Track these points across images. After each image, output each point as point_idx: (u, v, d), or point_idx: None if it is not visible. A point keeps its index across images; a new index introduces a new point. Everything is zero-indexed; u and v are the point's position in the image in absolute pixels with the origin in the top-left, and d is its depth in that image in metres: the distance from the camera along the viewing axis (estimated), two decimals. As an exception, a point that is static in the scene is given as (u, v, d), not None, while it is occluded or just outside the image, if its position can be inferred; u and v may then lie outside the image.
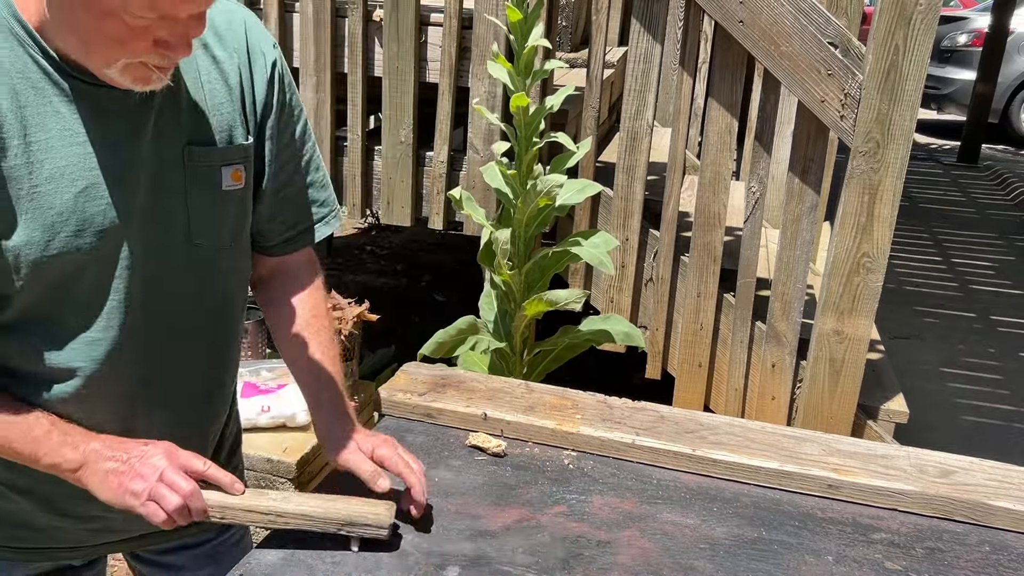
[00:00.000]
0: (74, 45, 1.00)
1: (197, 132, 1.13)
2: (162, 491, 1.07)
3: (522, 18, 2.18)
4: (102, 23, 0.95)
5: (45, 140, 1.02)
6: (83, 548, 1.28)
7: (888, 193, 2.17)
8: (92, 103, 1.04)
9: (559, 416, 1.49)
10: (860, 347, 2.29)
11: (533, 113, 2.26)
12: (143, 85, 1.02)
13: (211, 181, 1.15)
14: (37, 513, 1.21)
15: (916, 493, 1.34)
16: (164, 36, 0.97)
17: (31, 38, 1.00)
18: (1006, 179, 7.90)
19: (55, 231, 1.04)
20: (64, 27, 0.99)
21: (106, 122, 1.06)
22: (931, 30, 2.07)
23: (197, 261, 1.17)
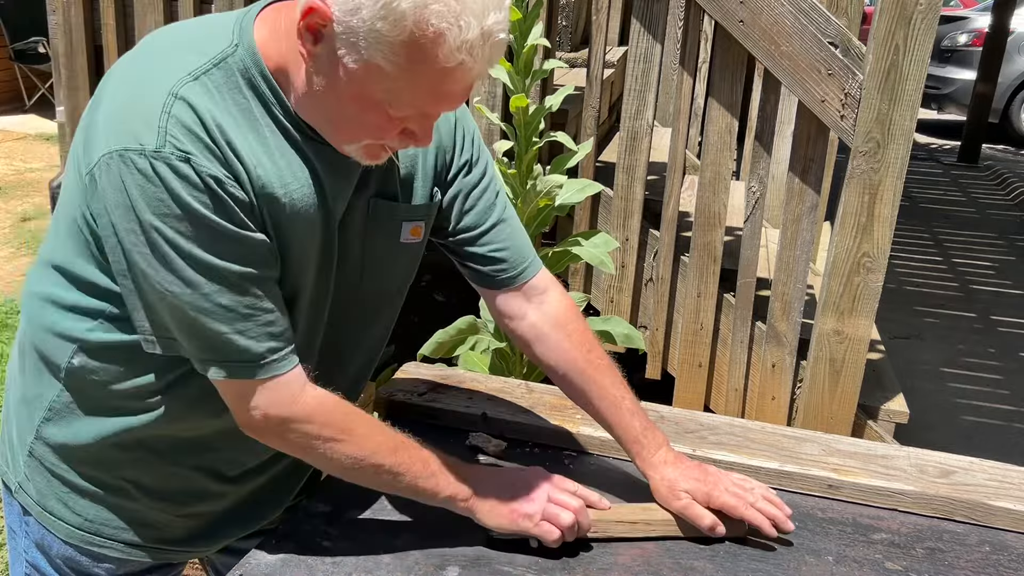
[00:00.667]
0: (322, 122, 1.05)
1: (385, 185, 1.18)
2: (554, 511, 1.16)
3: (521, 17, 2.18)
4: (365, 113, 1.00)
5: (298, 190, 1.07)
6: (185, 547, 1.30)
7: (888, 193, 2.17)
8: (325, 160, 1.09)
9: (559, 416, 1.49)
10: (860, 347, 2.29)
11: (533, 113, 2.26)
12: (372, 161, 1.08)
13: (391, 233, 1.21)
14: (154, 511, 1.23)
15: (916, 493, 1.34)
16: (413, 128, 1.03)
17: (275, 98, 1.04)
18: (1006, 179, 7.90)
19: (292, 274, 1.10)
20: (321, 106, 1.03)
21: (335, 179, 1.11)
22: (931, 30, 2.07)
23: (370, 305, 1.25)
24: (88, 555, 1.23)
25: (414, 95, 0.98)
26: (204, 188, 0.97)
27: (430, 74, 0.95)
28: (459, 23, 0.92)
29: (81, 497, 1.21)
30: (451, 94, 0.99)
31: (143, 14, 3.13)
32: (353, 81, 0.97)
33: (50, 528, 1.23)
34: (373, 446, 1.12)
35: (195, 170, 0.97)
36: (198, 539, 1.29)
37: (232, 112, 1.02)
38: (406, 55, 0.94)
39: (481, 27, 0.93)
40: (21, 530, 1.27)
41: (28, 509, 1.24)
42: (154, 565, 1.28)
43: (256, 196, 1.03)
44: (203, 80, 1.00)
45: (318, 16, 0.95)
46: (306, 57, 0.99)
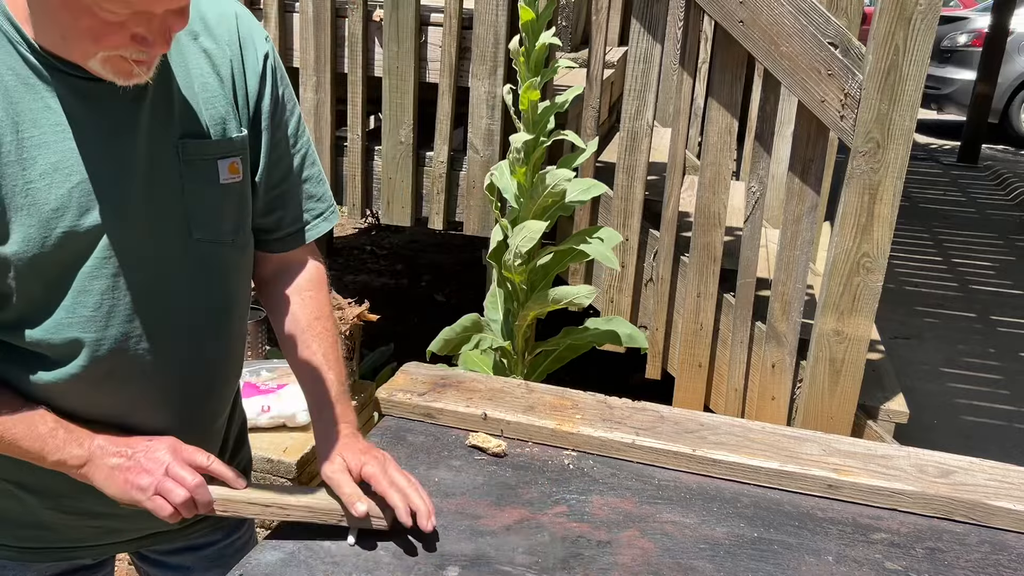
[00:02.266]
0: (56, 40, 1.00)
1: (191, 125, 1.13)
2: (168, 485, 1.09)
3: (534, 17, 2.19)
4: (77, 19, 0.95)
5: (38, 136, 1.02)
6: (92, 547, 1.28)
7: (888, 193, 2.17)
8: (83, 97, 1.04)
9: (559, 416, 1.49)
10: (860, 347, 2.29)
11: (543, 111, 2.27)
12: (125, 79, 1.01)
13: (208, 174, 1.15)
14: (46, 511, 1.21)
15: (916, 493, 1.34)
16: (140, 31, 0.96)
17: (20, 35, 1.00)
18: (1006, 179, 7.90)
19: (51, 227, 1.03)
20: (45, 22, 0.99)
21: (98, 116, 1.05)
22: (931, 30, 2.07)
23: (198, 256, 1.17)
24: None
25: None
26: None
27: None
28: None
29: None
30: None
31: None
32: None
33: None
34: None
35: None
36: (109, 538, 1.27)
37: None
38: None
39: None
40: None
41: None
42: (67, 568, 1.27)
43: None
44: None
45: None
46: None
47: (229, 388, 1.32)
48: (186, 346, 1.20)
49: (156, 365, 1.16)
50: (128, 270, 1.10)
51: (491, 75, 2.75)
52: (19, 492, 1.19)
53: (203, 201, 1.15)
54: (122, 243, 1.09)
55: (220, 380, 1.29)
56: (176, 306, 1.17)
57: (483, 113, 2.79)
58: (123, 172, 1.08)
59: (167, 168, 1.11)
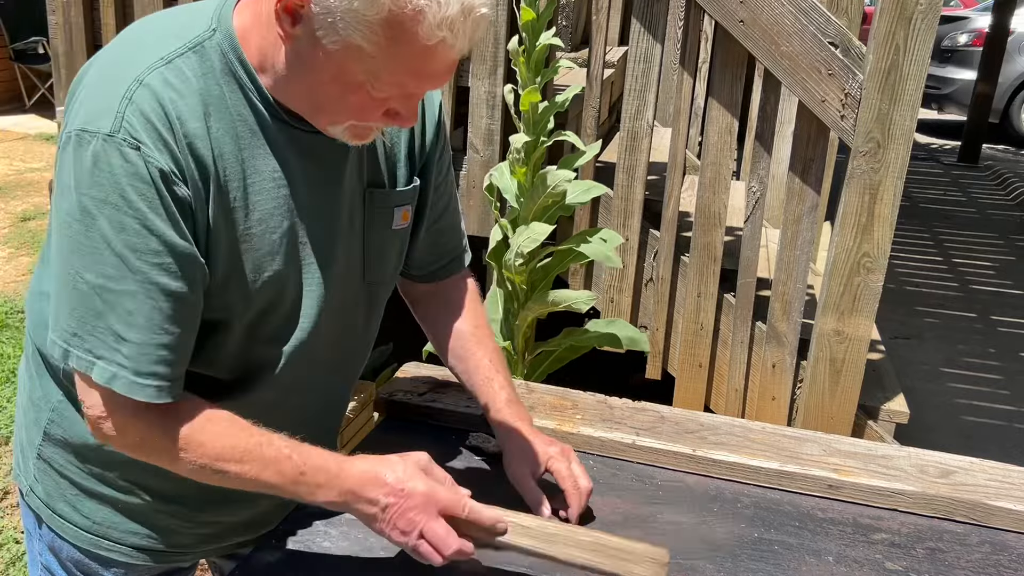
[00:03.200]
0: (304, 105, 1.03)
1: (375, 175, 1.17)
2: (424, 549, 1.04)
3: (535, 17, 2.19)
4: (346, 94, 0.98)
5: (259, 183, 1.05)
6: (193, 553, 1.30)
7: (888, 193, 2.17)
8: (298, 146, 1.07)
9: (559, 416, 1.49)
10: (860, 347, 2.29)
11: (543, 111, 2.26)
12: (360, 141, 1.06)
13: (386, 222, 1.19)
14: (160, 515, 1.22)
15: (916, 493, 1.34)
16: (397, 108, 1.01)
17: (252, 82, 1.03)
18: (1007, 179, 7.90)
19: (262, 270, 1.07)
20: (301, 87, 1.01)
21: (310, 165, 1.09)
22: (931, 30, 2.07)
23: (367, 295, 1.23)
24: (96, 559, 1.23)
25: (395, 75, 0.96)
26: (148, 180, 0.95)
27: (411, 53, 0.93)
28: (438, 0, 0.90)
29: (88, 499, 1.20)
30: (433, 72, 0.97)
31: (143, 14, 3.13)
32: (333, 62, 0.95)
33: (59, 531, 1.22)
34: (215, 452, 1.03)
35: (144, 160, 0.95)
36: (206, 543, 1.29)
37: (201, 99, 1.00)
38: (385, 34, 0.92)
39: (462, 3, 0.91)
40: (35, 532, 1.27)
41: (39, 511, 1.24)
42: (164, 570, 1.28)
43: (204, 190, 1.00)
44: (177, 63, 0.99)
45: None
46: (284, 39, 0.98)
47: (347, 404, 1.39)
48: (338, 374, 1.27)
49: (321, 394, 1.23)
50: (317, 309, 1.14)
51: (491, 75, 2.75)
52: (140, 493, 1.20)
53: (379, 247, 1.20)
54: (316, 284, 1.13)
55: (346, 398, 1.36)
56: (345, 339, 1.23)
57: (483, 113, 2.79)
58: (328, 221, 1.12)
59: (357, 216, 1.16)
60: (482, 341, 1.34)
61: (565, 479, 1.21)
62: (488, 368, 1.32)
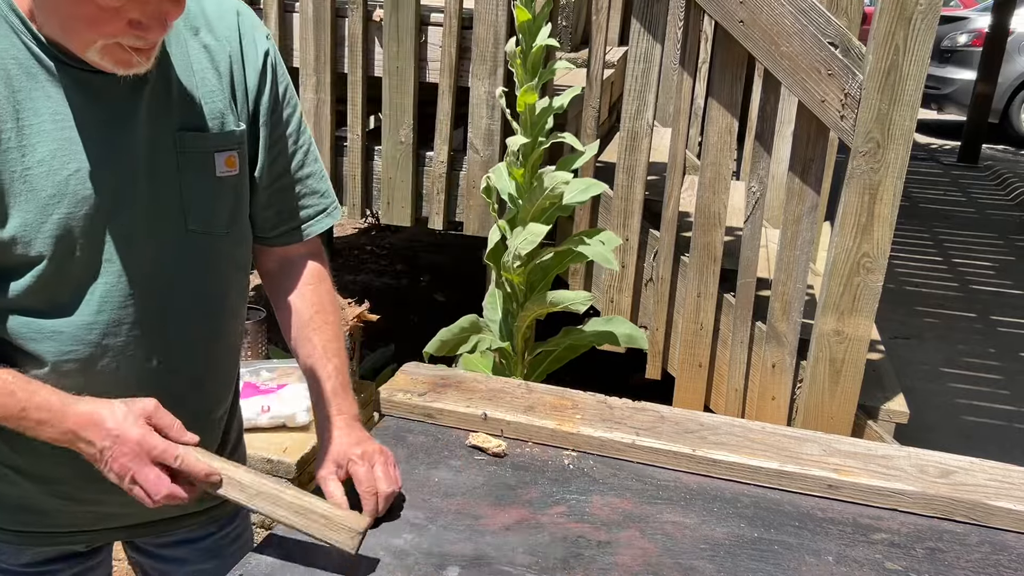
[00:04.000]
0: (56, 29, 1.02)
1: (189, 118, 1.14)
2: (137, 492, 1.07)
3: (531, 18, 2.19)
4: (75, 6, 0.97)
5: (37, 124, 1.04)
6: (84, 533, 1.29)
7: (888, 193, 2.17)
8: (84, 88, 1.06)
9: (559, 416, 1.49)
10: (860, 347, 2.29)
11: (540, 112, 2.27)
12: (124, 68, 1.03)
13: (205, 167, 1.16)
14: (41, 496, 1.22)
15: (916, 493, 1.34)
16: (137, 16, 0.98)
17: (23, 24, 1.02)
18: (1006, 179, 7.90)
19: (47, 213, 1.05)
20: (46, 12, 1.01)
21: (98, 106, 1.07)
22: (931, 30, 2.07)
23: (194, 247, 1.18)
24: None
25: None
26: None
27: None
28: None
29: None
30: None
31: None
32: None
33: None
34: None
35: None
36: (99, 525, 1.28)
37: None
38: None
39: None
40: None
41: None
42: (58, 554, 1.27)
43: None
44: None
45: None
46: None
47: (225, 380, 1.33)
48: (178, 335, 1.20)
49: (148, 352, 1.17)
50: (123, 258, 1.12)
51: (491, 75, 2.75)
52: (15, 476, 1.20)
53: (199, 193, 1.16)
54: (118, 231, 1.11)
55: (214, 371, 1.29)
56: (169, 294, 1.18)
57: (483, 113, 2.79)
58: (121, 162, 1.09)
59: (165, 160, 1.13)
60: (320, 327, 1.29)
61: (360, 482, 1.17)
62: (320, 356, 1.27)
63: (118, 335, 1.13)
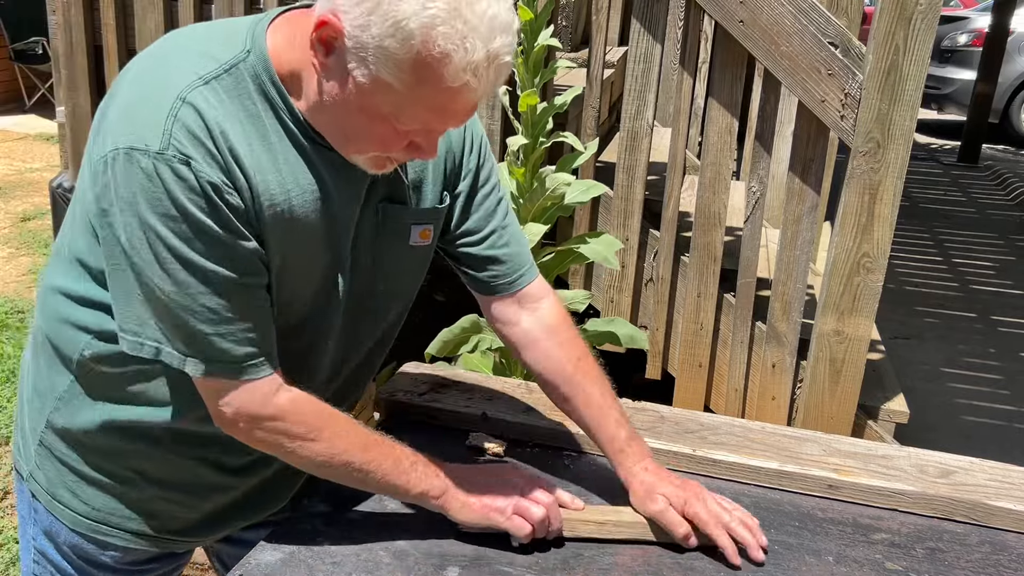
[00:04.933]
0: (332, 131, 1.07)
1: (393, 189, 1.19)
2: (525, 504, 1.17)
3: (532, 18, 2.19)
4: (372, 125, 1.02)
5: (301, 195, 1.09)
6: (188, 540, 1.32)
7: (888, 193, 2.17)
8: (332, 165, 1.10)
9: (559, 416, 1.49)
10: (860, 347, 2.29)
11: (541, 112, 2.26)
12: (376, 170, 1.10)
13: (401, 237, 1.22)
14: (159, 501, 1.25)
15: (916, 493, 1.34)
16: (419, 141, 1.05)
17: (285, 104, 1.06)
18: (1006, 179, 7.90)
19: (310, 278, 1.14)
20: (330, 117, 1.05)
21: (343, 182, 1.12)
22: (931, 30, 2.07)
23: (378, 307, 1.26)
24: (94, 543, 1.26)
25: (419, 112, 1.00)
26: (201, 192, 0.99)
27: (435, 93, 0.98)
28: (465, 45, 0.94)
29: (88, 486, 1.23)
30: (455, 112, 1.02)
31: (143, 14, 3.14)
32: (362, 94, 0.99)
33: (58, 516, 1.25)
34: (343, 444, 1.13)
35: (195, 174, 0.99)
36: (203, 529, 1.31)
37: (239, 118, 1.04)
38: (412, 73, 0.96)
39: (487, 50, 0.96)
40: (30, 517, 1.30)
41: (38, 496, 1.27)
42: (159, 554, 1.30)
43: (255, 203, 1.05)
44: (213, 85, 1.02)
45: (330, 29, 0.97)
46: (318, 68, 1.02)
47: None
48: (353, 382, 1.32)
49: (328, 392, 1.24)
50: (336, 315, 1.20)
51: (491, 75, 2.75)
52: (140, 481, 1.23)
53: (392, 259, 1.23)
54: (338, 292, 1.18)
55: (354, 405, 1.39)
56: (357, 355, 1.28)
57: (483, 113, 2.79)
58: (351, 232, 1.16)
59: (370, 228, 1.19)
60: (588, 373, 1.32)
61: (707, 523, 1.20)
62: (599, 404, 1.30)
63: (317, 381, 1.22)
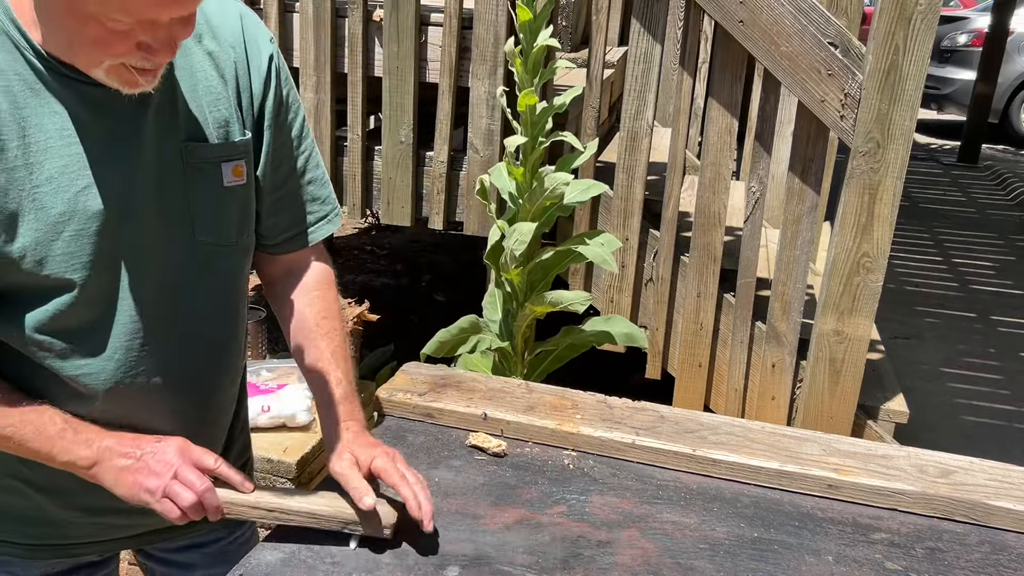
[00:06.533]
0: (62, 46, 1.00)
1: (194, 129, 1.13)
2: (176, 488, 1.09)
3: (532, 17, 2.19)
4: (83, 26, 0.94)
5: (44, 140, 1.02)
6: (96, 543, 1.28)
7: (888, 193, 2.17)
8: (89, 103, 1.04)
9: (559, 416, 1.49)
10: (860, 347, 2.29)
11: (540, 112, 2.27)
12: (130, 88, 1.02)
13: (212, 178, 1.15)
14: (52, 508, 1.21)
15: (916, 493, 1.34)
16: (146, 40, 0.96)
17: (25, 40, 1.00)
18: (1006, 179, 7.90)
19: (58, 231, 1.04)
20: (51, 29, 0.99)
21: (104, 122, 1.05)
22: (931, 30, 2.07)
23: (203, 258, 1.17)
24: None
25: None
26: None
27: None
28: None
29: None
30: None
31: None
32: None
33: None
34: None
35: None
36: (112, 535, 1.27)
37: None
38: None
39: None
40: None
41: None
42: (70, 565, 1.27)
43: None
44: None
45: None
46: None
47: (234, 386, 1.33)
48: (192, 346, 1.20)
49: (161, 365, 1.17)
50: (135, 273, 1.11)
51: (491, 75, 2.75)
52: (25, 488, 1.19)
53: (208, 204, 1.15)
54: (127, 245, 1.09)
55: (226, 378, 1.29)
56: (183, 307, 1.17)
57: (483, 113, 2.79)
58: (129, 177, 1.08)
59: (172, 172, 1.12)
60: (328, 333, 1.28)
61: (391, 473, 1.16)
62: (328, 361, 1.26)
63: (131, 348, 1.13)
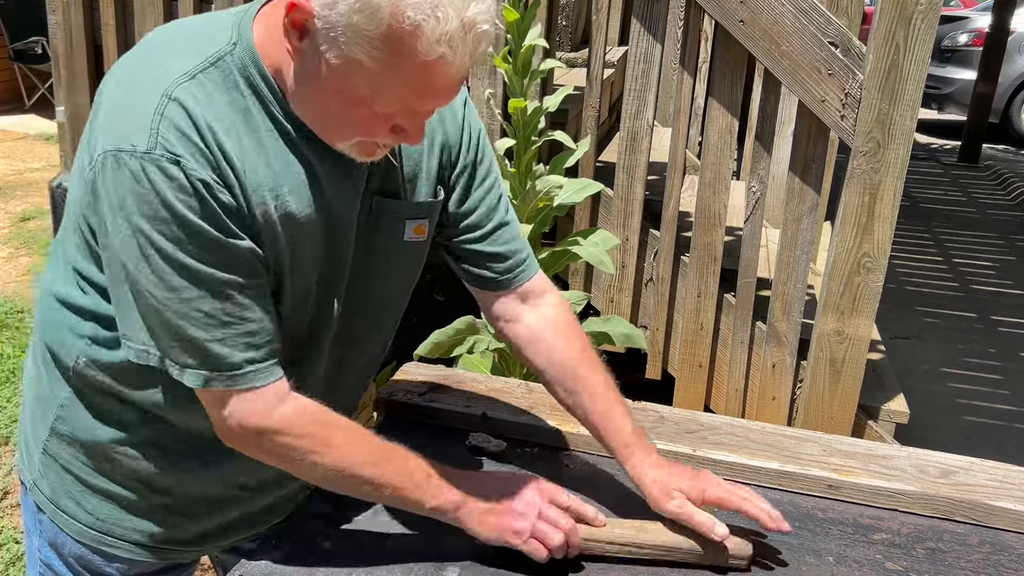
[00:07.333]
0: (313, 118, 1.04)
1: (386, 182, 1.16)
2: (543, 528, 1.13)
3: (519, 18, 2.19)
4: (350, 109, 0.99)
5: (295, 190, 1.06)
6: (195, 550, 1.30)
7: (888, 193, 2.16)
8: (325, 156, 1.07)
9: (559, 416, 1.49)
10: (860, 347, 2.29)
11: (531, 113, 2.26)
12: (367, 158, 1.07)
13: (395, 232, 1.19)
14: (166, 512, 1.22)
15: (916, 493, 1.34)
16: (403, 124, 1.01)
17: (273, 96, 1.03)
18: (1007, 179, 7.90)
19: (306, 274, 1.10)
20: (310, 103, 1.02)
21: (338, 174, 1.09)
22: (932, 30, 2.07)
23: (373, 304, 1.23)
24: (100, 554, 1.23)
25: (397, 90, 0.96)
26: (192, 192, 0.96)
27: (410, 68, 0.93)
28: (436, 14, 0.90)
29: (93, 495, 1.20)
30: (435, 88, 0.97)
31: (143, 14, 3.13)
32: (336, 77, 0.96)
33: (62, 526, 1.22)
34: (352, 458, 1.09)
35: (185, 173, 0.96)
36: (210, 540, 1.28)
37: (227, 113, 1.01)
38: (384, 49, 0.92)
39: (461, 18, 0.91)
40: (35, 528, 1.27)
41: (42, 507, 1.24)
42: (165, 566, 1.28)
43: (246, 201, 1.02)
44: (200, 79, 1.00)
45: (300, 11, 0.94)
46: (292, 53, 0.98)
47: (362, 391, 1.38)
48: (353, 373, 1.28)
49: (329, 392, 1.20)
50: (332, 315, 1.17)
51: (490, 75, 2.75)
52: (146, 490, 1.20)
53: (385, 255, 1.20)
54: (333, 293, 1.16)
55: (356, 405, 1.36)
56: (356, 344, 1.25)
57: (481, 112, 2.79)
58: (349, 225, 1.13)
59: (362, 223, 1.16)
60: (593, 367, 1.28)
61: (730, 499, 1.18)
62: (604, 397, 1.26)
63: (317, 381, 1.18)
